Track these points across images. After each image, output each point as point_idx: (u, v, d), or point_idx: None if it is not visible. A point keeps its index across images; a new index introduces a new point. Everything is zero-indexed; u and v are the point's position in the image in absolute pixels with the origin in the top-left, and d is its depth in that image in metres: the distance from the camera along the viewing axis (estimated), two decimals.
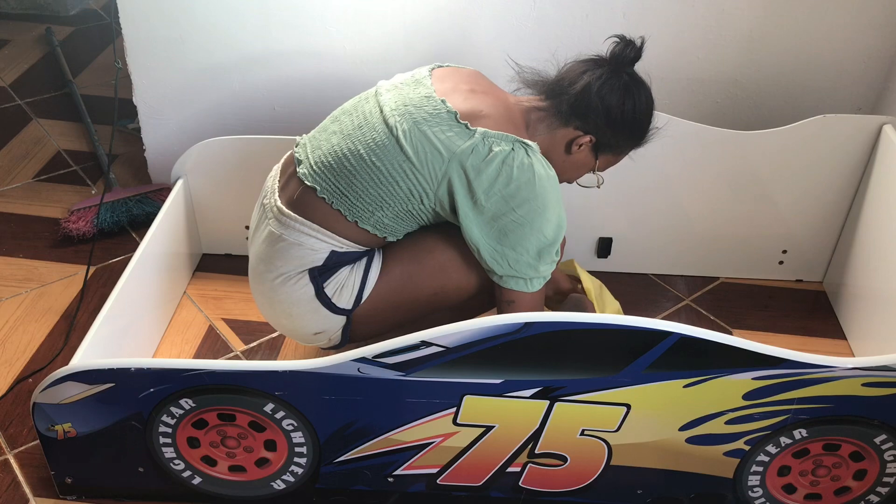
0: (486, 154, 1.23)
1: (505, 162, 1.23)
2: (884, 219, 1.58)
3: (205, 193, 1.75)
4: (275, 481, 1.29)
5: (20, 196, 2.04)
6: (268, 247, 1.33)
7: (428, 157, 1.24)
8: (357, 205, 1.27)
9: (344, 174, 1.27)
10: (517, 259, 1.26)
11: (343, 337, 1.37)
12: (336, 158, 1.28)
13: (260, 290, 1.37)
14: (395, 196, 1.26)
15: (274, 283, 1.32)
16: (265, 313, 1.41)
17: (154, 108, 1.88)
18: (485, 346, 1.14)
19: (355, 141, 1.28)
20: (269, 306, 1.37)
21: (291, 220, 1.30)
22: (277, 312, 1.36)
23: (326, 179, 1.28)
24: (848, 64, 1.75)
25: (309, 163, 1.31)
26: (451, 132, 1.23)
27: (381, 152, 1.25)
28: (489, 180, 1.23)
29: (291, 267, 1.31)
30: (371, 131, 1.27)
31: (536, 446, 1.24)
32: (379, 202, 1.27)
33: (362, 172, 1.26)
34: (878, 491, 1.27)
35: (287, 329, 1.39)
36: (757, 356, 1.14)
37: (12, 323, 1.67)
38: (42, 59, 2.66)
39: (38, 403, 1.22)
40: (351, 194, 1.27)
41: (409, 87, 1.30)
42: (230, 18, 1.75)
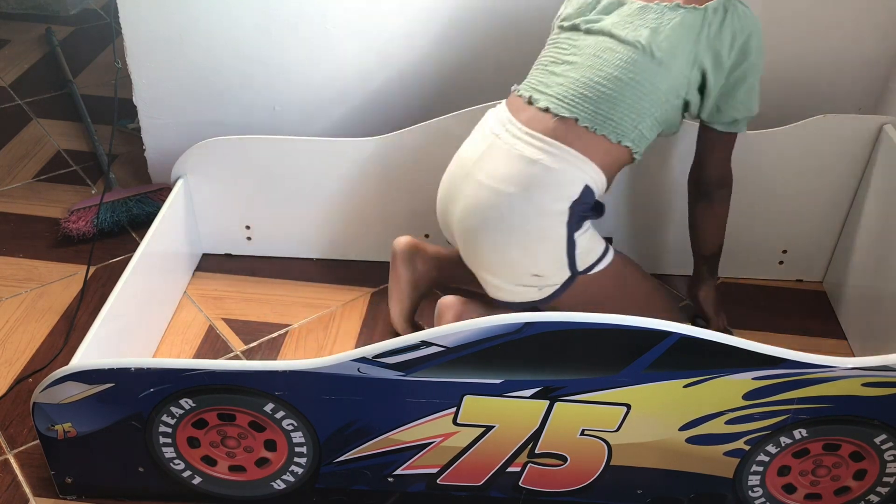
0: (720, 22, 1.31)
1: (733, 20, 1.31)
2: (884, 219, 1.58)
3: (205, 193, 1.75)
4: (275, 481, 1.29)
5: (20, 196, 2.04)
6: (517, 167, 1.33)
7: (678, 51, 1.32)
8: (622, 123, 1.33)
9: (604, 99, 1.32)
10: (750, 101, 1.38)
11: (547, 297, 1.38)
12: (589, 88, 1.33)
13: (503, 214, 1.34)
14: (657, 101, 1.33)
15: (530, 210, 1.33)
16: (483, 240, 1.37)
17: (154, 108, 1.88)
18: (485, 346, 1.14)
19: (601, 69, 1.33)
20: (508, 232, 1.34)
21: (550, 145, 1.32)
22: (510, 241, 1.34)
23: (586, 108, 1.32)
24: (848, 64, 1.75)
25: (553, 99, 1.35)
26: (681, 20, 1.32)
27: (635, 66, 1.32)
28: (729, 41, 1.32)
29: (549, 198, 1.32)
30: (613, 55, 1.33)
31: (536, 446, 1.24)
32: (643, 113, 1.33)
33: (626, 91, 1.32)
34: (878, 491, 1.27)
35: (509, 261, 1.36)
36: (757, 356, 1.14)
37: (12, 323, 1.67)
38: (42, 59, 2.66)
39: (38, 403, 1.22)
40: (616, 116, 1.32)
41: (620, 5, 1.37)
42: (230, 18, 1.75)
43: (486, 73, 1.79)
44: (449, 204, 1.43)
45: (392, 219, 1.78)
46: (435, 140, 1.67)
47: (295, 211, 1.78)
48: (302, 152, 1.70)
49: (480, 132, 1.43)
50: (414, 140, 1.68)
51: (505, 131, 1.37)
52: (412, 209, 1.76)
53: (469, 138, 1.45)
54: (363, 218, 1.78)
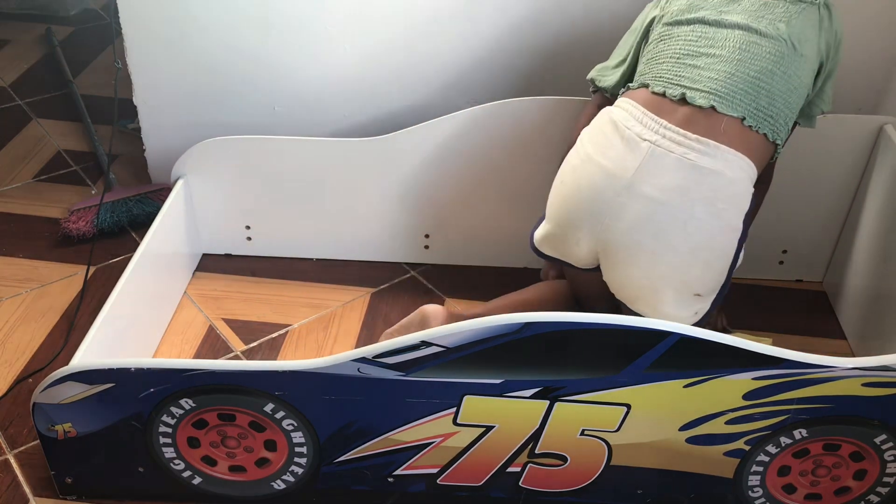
0: (829, 17, 1.33)
1: (834, 16, 1.34)
2: (884, 219, 1.58)
3: (205, 193, 1.75)
4: (275, 481, 1.29)
5: (20, 196, 2.04)
6: (699, 179, 1.21)
7: (811, 45, 1.31)
8: (779, 120, 1.28)
9: (763, 94, 1.26)
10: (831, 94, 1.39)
11: (707, 314, 1.30)
12: (746, 83, 1.26)
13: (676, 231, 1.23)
14: (801, 95, 1.32)
15: (712, 225, 1.23)
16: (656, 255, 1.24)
17: (154, 108, 1.88)
18: (485, 346, 1.14)
19: (752, 62, 1.27)
20: (684, 250, 1.24)
21: (725, 152, 1.22)
22: (693, 260, 1.24)
23: (748, 105, 1.25)
24: (848, 64, 1.74)
25: (714, 97, 1.24)
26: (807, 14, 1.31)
27: (784, 60, 1.28)
28: (835, 36, 1.34)
29: (734, 212, 1.24)
30: (760, 48, 1.27)
31: (536, 446, 1.24)
32: (794, 108, 1.30)
33: (780, 85, 1.27)
34: (878, 491, 1.27)
35: (680, 280, 1.26)
36: (757, 356, 1.14)
37: (12, 323, 1.67)
38: (42, 59, 2.66)
39: (38, 403, 1.22)
40: (774, 112, 1.27)
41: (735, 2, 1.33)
42: (230, 18, 1.75)
43: (486, 74, 1.79)
44: (597, 220, 1.27)
45: (392, 219, 1.78)
46: (435, 140, 1.67)
47: (295, 211, 1.78)
48: (302, 152, 1.70)
49: (616, 138, 1.27)
50: (414, 140, 1.68)
51: (660, 136, 1.24)
52: (412, 209, 1.76)
53: (592, 144, 1.31)
54: (363, 218, 1.78)
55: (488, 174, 1.71)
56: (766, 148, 1.29)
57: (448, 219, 1.78)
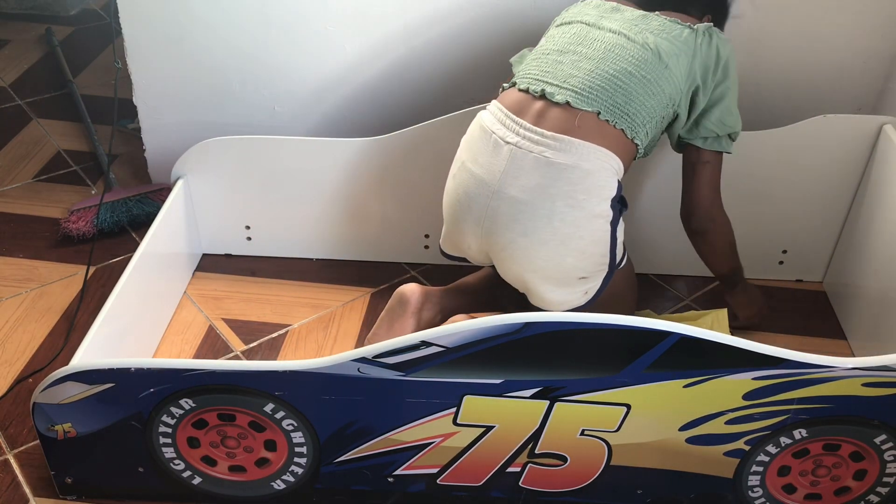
0: (708, 42, 1.38)
1: (716, 41, 1.38)
2: (884, 219, 1.58)
3: (205, 193, 1.75)
4: (275, 481, 1.29)
5: (20, 196, 2.04)
6: (558, 175, 1.29)
7: (678, 61, 1.35)
8: (636, 120, 1.34)
9: (620, 92, 1.33)
10: (730, 118, 1.41)
11: (590, 300, 1.38)
12: (605, 80, 1.33)
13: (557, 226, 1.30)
14: (661, 103, 1.36)
15: (575, 216, 1.30)
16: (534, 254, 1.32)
17: (154, 108, 1.88)
18: (485, 346, 1.14)
19: (614, 62, 1.34)
20: (554, 244, 1.31)
21: (580, 147, 1.30)
22: (564, 251, 1.32)
23: (604, 101, 1.32)
24: (848, 64, 1.74)
25: (571, 92, 1.33)
26: (681, 34, 1.37)
27: (645, 66, 1.34)
28: (714, 61, 1.38)
29: (595, 201, 1.31)
30: (625, 51, 1.35)
31: (536, 446, 1.24)
32: (651, 113, 1.35)
33: (637, 87, 1.33)
34: (878, 491, 1.27)
35: (557, 271, 1.33)
36: (757, 356, 1.14)
37: (12, 323, 1.67)
38: (42, 59, 2.66)
39: (38, 403, 1.22)
40: (630, 110, 1.33)
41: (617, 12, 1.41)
42: (230, 18, 1.75)
43: (486, 74, 1.79)
44: (477, 224, 1.36)
45: (392, 219, 1.78)
46: (434, 140, 1.67)
47: (295, 211, 1.78)
48: (302, 152, 1.70)
49: (485, 142, 1.36)
50: (413, 140, 1.68)
51: (520, 138, 1.32)
52: (412, 209, 1.76)
53: (467, 150, 1.40)
54: (363, 218, 1.78)
55: None
56: (626, 144, 1.35)
57: None
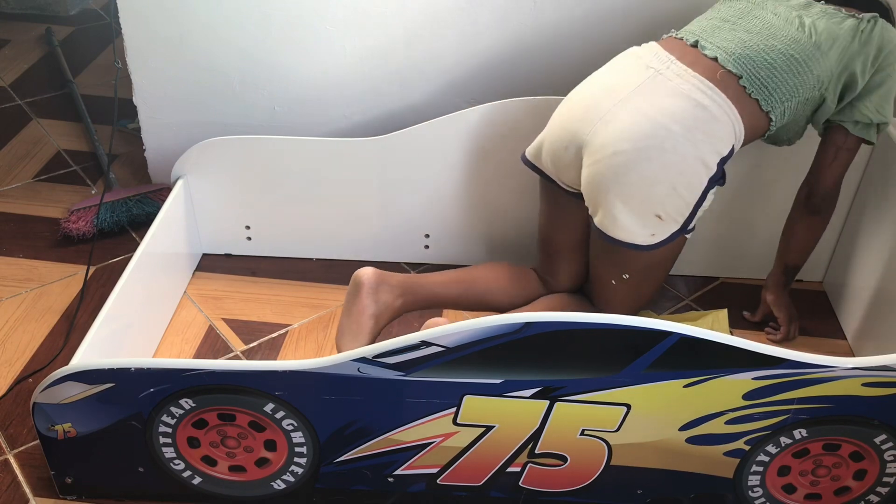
0: (870, 31, 1.39)
1: (879, 30, 1.40)
2: (884, 219, 1.58)
3: (205, 193, 1.75)
4: (275, 481, 1.29)
5: (20, 196, 2.04)
6: (684, 108, 1.34)
7: (834, 46, 1.38)
8: (773, 95, 1.38)
9: (765, 65, 1.37)
10: (884, 106, 1.44)
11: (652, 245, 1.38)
12: (754, 52, 1.38)
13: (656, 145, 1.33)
14: (807, 84, 1.39)
15: (690, 149, 1.34)
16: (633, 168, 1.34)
17: (154, 108, 1.88)
18: (485, 346, 1.14)
19: (767, 39, 1.39)
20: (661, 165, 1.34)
21: (717, 95, 1.35)
22: (660, 177, 1.34)
23: (748, 69, 1.37)
24: None
25: (721, 51, 1.39)
26: (842, 21, 1.40)
27: (796, 46, 1.38)
28: (875, 51, 1.40)
29: (708, 147, 1.35)
30: (780, 31, 1.40)
31: (536, 446, 1.24)
32: (792, 91, 1.39)
33: (783, 64, 1.38)
34: (878, 491, 1.27)
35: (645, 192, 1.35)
36: (757, 356, 1.14)
37: (12, 323, 1.67)
38: (42, 59, 2.66)
39: (38, 403, 1.22)
40: (770, 85, 1.37)
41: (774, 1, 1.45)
42: (230, 18, 1.75)
43: (486, 74, 1.79)
44: (587, 126, 1.39)
45: (392, 219, 1.78)
46: (435, 140, 1.67)
47: (295, 211, 1.78)
48: (302, 152, 1.70)
49: (632, 63, 1.42)
50: (414, 140, 1.68)
51: (667, 68, 1.38)
52: (412, 209, 1.76)
53: (610, 69, 1.45)
54: (363, 218, 1.78)
55: (488, 174, 1.71)
56: (758, 115, 1.39)
57: (448, 219, 1.78)
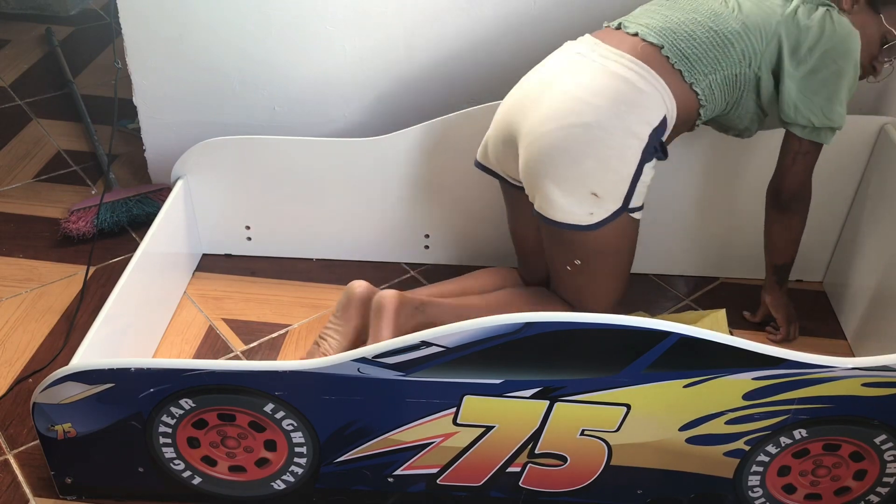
0: (810, 13, 1.37)
1: (826, 20, 1.36)
2: (884, 219, 1.58)
3: (205, 193, 1.75)
4: (275, 481, 1.29)
5: (20, 196, 2.04)
6: (606, 82, 1.35)
7: (759, 22, 1.38)
8: (696, 66, 1.37)
9: (685, 36, 1.38)
10: (831, 109, 1.40)
11: (594, 225, 1.37)
12: (677, 24, 1.39)
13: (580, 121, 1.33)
14: (729, 58, 1.38)
15: (616, 124, 1.33)
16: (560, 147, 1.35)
17: (154, 108, 1.88)
18: (485, 346, 1.14)
19: (692, 12, 1.40)
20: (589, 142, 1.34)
21: (641, 67, 1.36)
22: (588, 152, 1.34)
23: (670, 39, 1.38)
24: None
25: (642, 27, 1.40)
26: (802, 9, 1.37)
27: (717, 19, 1.38)
28: (815, 37, 1.37)
29: (635, 119, 1.34)
30: (704, 5, 1.41)
31: (536, 446, 1.24)
32: (714, 64, 1.38)
33: (702, 35, 1.38)
34: (878, 491, 1.27)
35: (575, 170, 1.35)
36: (757, 356, 1.14)
37: (12, 323, 1.67)
38: (42, 59, 2.66)
39: (38, 403, 1.22)
40: (692, 55, 1.37)
41: None
42: (230, 18, 1.75)
43: (486, 74, 1.79)
44: (520, 115, 1.41)
45: (392, 219, 1.78)
46: (435, 140, 1.67)
47: (295, 211, 1.78)
48: (302, 152, 1.70)
49: (563, 54, 1.44)
50: (414, 140, 1.68)
51: (591, 51, 1.40)
52: (412, 209, 1.76)
53: (545, 62, 1.46)
54: (363, 218, 1.78)
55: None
56: (683, 88, 1.38)
57: (448, 219, 1.78)
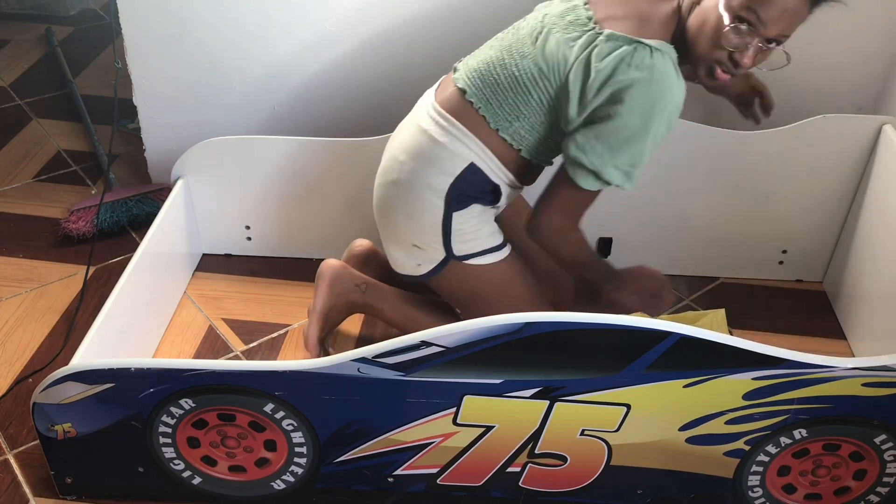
0: (606, 54, 1.22)
1: (622, 60, 1.21)
2: (884, 219, 1.58)
3: (205, 193, 1.75)
4: (275, 481, 1.29)
5: (20, 196, 2.04)
6: (412, 138, 1.37)
7: (556, 64, 1.27)
8: (499, 112, 1.31)
9: (489, 81, 1.32)
10: (602, 150, 1.24)
11: (426, 274, 1.41)
12: (486, 66, 1.33)
13: (390, 179, 1.39)
14: (529, 105, 1.30)
15: (415, 179, 1.36)
16: (380, 203, 1.42)
17: (154, 108, 1.88)
18: (485, 346, 1.14)
19: (503, 51, 1.33)
20: (397, 197, 1.39)
21: (442, 116, 1.35)
22: (396, 206, 1.39)
23: (475, 84, 1.33)
24: (848, 64, 1.74)
25: (465, 69, 1.36)
26: (580, 38, 1.25)
27: (521, 61, 1.30)
28: (603, 78, 1.22)
29: (432, 171, 1.34)
30: (518, 42, 1.32)
31: (536, 446, 1.24)
32: (516, 112, 1.31)
33: (504, 80, 1.31)
34: (878, 491, 1.27)
35: (396, 226, 1.41)
36: (757, 356, 1.14)
37: (12, 323, 1.67)
38: (42, 59, 2.66)
39: (38, 403, 1.22)
40: (494, 101, 1.32)
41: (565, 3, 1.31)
42: (230, 18, 1.75)
43: None
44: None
45: None
46: None
47: (295, 211, 1.78)
48: (302, 152, 1.70)
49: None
50: None
51: (420, 104, 1.42)
52: None
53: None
54: (363, 218, 1.78)
55: None
56: (492, 134, 1.32)
57: None
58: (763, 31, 1.21)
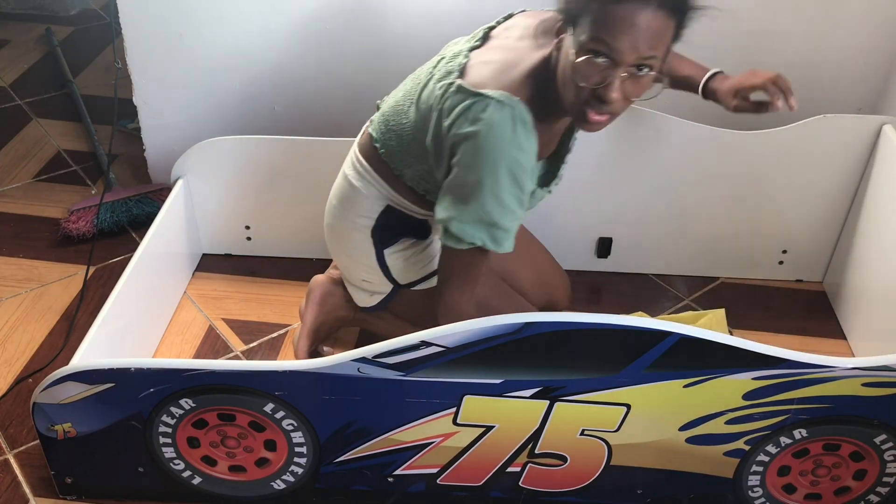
0: (452, 107, 1.17)
1: (461, 114, 1.16)
2: (884, 219, 1.58)
3: (205, 193, 1.75)
4: (275, 481, 1.29)
5: (20, 196, 2.04)
6: (338, 182, 1.43)
7: (426, 114, 1.24)
8: (396, 158, 1.32)
9: (392, 126, 1.31)
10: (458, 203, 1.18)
11: (378, 304, 1.46)
12: (392, 109, 1.32)
13: (327, 223, 1.46)
14: (415, 153, 1.28)
15: (343, 223, 1.41)
16: (328, 245, 1.48)
17: (154, 108, 1.88)
18: (485, 346, 1.14)
19: (405, 95, 1.31)
20: (335, 240, 1.45)
21: (358, 161, 1.37)
22: (337, 249, 1.46)
23: (380, 129, 1.34)
24: (848, 64, 1.75)
25: (380, 112, 1.37)
26: (444, 89, 1.19)
27: (408, 109, 1.28)
28: (445, 131, 1.18)
29: (354, 213, 1.38)
30: (415, 86, 1.29)
31: (536, 446, 1.24)
32: (408, 159, 1.30)
33: (398, 127, 1.30)
34: (878, 491, 1.27)
35: (343, 264, 1.47)
36: (757, 356, 1.14)
37: (12, 323, 1.67)
38: (42, 59, 2.66)
39: (38, 403, 1.22)
40: (391, 147, 1.32)
41: (458, 44, 1.28)
42: (230, 18, 1.75)
43: None
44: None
45: None
46: None
47: (295, 211, 1.78)
48: (302, 152, 1.70)
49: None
50: None
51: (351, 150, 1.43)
52: None
53: None
54: None
55: None
56: (397, 179, 1.33)
57: None
58: (622, 59, 1.09)
